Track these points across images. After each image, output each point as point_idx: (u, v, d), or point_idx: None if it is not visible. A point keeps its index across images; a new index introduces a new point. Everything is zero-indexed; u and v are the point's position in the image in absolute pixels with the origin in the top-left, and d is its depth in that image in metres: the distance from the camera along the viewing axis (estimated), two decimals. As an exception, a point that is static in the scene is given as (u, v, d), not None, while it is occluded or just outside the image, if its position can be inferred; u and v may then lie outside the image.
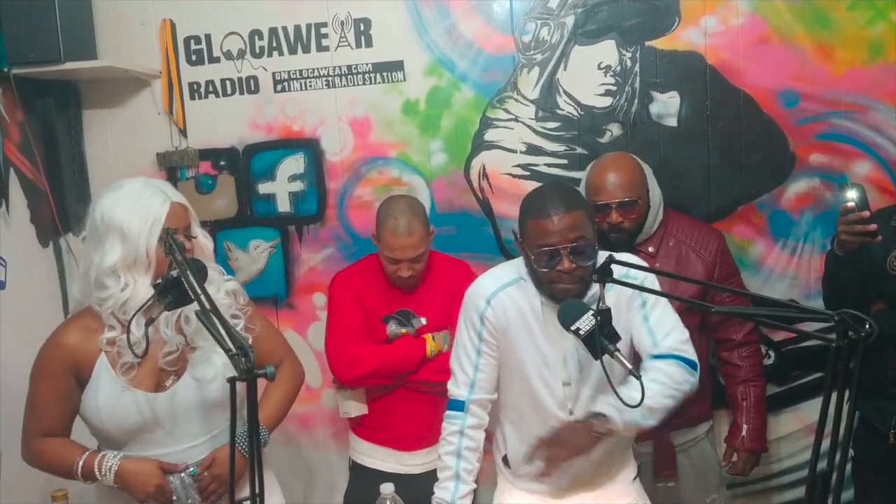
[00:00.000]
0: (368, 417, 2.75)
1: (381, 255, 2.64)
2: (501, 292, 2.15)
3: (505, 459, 2.27)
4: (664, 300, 2.12)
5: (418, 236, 2.57)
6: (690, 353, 2.08)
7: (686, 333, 2.11)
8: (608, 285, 1.92)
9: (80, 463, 2.00)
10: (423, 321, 2.70)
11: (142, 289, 1.96)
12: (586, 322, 1.87)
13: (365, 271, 2.77)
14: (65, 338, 2.02)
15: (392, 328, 2.70)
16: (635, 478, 2.28)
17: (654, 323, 2.09)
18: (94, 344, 2.00)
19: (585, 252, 2.01)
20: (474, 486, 2.17)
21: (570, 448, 2.00)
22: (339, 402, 2.79)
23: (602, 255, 1.93)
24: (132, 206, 1.98)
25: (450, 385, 2.23)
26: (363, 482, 2.50)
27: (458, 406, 2.19)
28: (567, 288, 2.02)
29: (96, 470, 1.99)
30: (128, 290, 1.95)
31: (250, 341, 2.10)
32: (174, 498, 2.02)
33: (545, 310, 2.10)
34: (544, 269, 2.02)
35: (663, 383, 1.99)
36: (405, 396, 2.69)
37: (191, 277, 1.73)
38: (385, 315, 2.71)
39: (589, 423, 1.97)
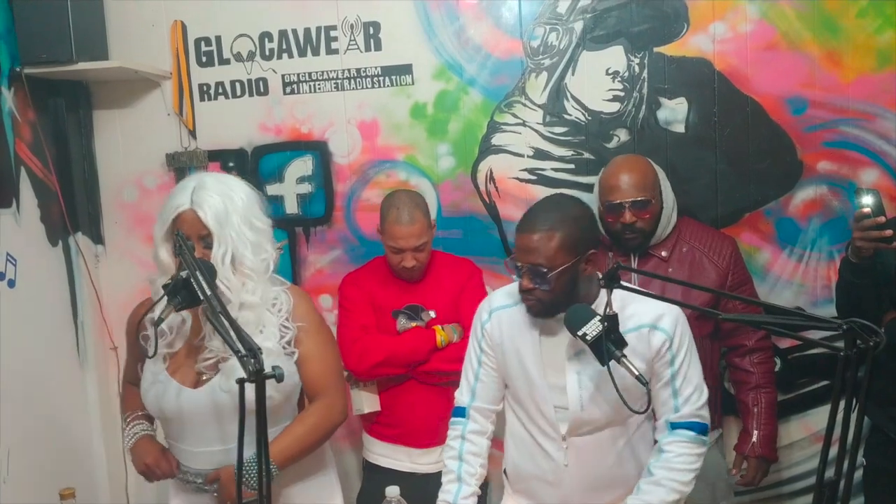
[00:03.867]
0: (381, 414, 2.79)
1: (386, 247, 2.70)
2: (503, 310, 2.20)
3: (506, 472, 2.30)
4: (695, 358, 2.12)
5: (420, 225, 2.63)
6: (706, 417, 2.10)
7: (706, 394, 2.11)
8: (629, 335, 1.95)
9: (126, 418, 2.20)
10: (433, 314, 2.75)
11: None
12: (593, 327, 1.88)
13: (373, 271, 2.83)
14: (138, 308, 2.20)
15: (402, 322, 2.75)
16: None
17: (679, 384, 2.07)
18: None
19: (538, 276, 2.00)
20: (478, 490, 2.19)
21: None
22: (352, 399, 2.81)
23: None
24: (165, 200, 2.05)
25: (456, 393, 2.30)
26: (376, 482, 2.52)
27: (461, 412, 2.26)
28: (529, 304, 2.07)
29: (124, 429, 2.18)
30: (160, 280, 2.01)
31: (295, 358, 2.10)
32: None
33: (542, 338, 2.12)
34: (515, 279, 2.08)
35: (670, 486, 2.04)
36: (416, 389, 2.73)
37: (200, 278, 1.74)
38: (395, 310, 2.76)
39: None
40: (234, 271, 1.99)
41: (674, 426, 2.07)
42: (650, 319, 2.05)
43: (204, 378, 2.05)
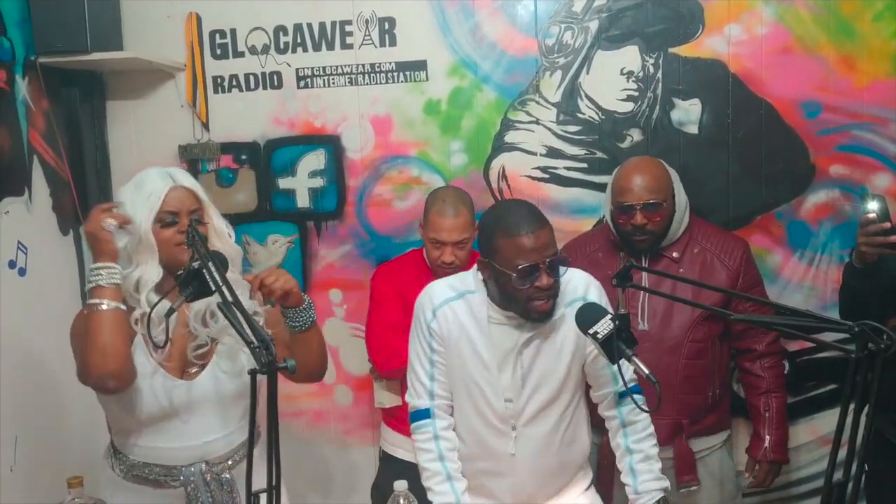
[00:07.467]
0: (403, 409, 2.75)
1: (426, 239, 2.67)
2: (446, 306, 2.15)
3: None
4: None
5: (464, 220, 2.61)
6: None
7: None
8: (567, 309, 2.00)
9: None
10: None
11: (150, 271, 1.98)
12: (604, 326, 1.88)
13: (407, 265, 2.81)
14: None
15: None
16: (589, 487, 2.29)
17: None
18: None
19: (561, 265, 2.02)
20: (466, 482, 2.16)
21: None
22: (374, 393, 2.84)
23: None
24: (136, 190, 2.02)
25: (408, 398, 2.23)
26: (392, 472, 2.51)
27: (424, 414, 2.18)
28: (546, 306, 2.01)
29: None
30: (137, 272, 1.98)
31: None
32: (187, 490, 2.02)
33: (492, 325, 2.10)
34: (523, 287, 1.98)
35: (655, 453, 2.12)
36: None
37: (212, 269, 1.75)
38: None
39: None
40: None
41: (622, 395, 2.11)
42: (582, 292, 2.10)
43: (193, 371, 2.04)
